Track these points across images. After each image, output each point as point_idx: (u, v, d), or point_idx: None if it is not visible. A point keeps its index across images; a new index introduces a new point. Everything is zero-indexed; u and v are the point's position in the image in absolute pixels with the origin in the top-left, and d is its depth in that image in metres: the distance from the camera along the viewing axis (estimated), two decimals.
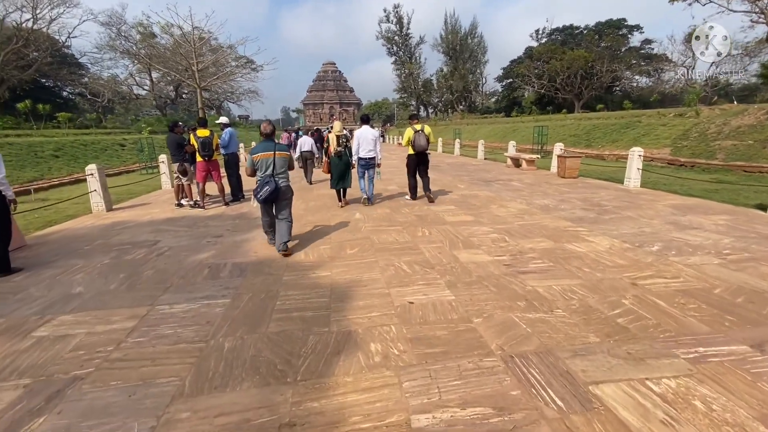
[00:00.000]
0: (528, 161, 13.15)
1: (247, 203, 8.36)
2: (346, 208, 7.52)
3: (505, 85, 60.94)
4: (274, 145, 4.67)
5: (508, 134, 24.84)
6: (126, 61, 40.86)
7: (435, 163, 16.43)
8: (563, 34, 57.81)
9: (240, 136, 38.90)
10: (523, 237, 5.27)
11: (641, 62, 52.58)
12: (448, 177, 11.80)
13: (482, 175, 11.97)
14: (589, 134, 17.82)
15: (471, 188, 9.55)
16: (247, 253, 4.93)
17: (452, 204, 7.66)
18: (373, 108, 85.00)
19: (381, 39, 60.70)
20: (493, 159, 17.30)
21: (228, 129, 8.40)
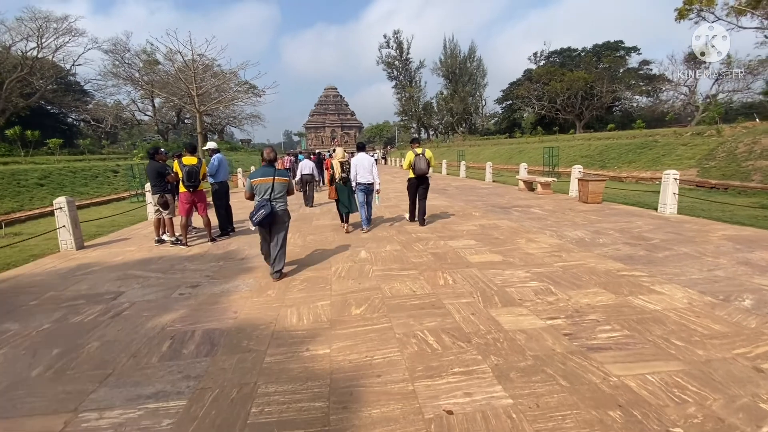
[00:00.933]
0: (543, 185, 12.16)
1: (237, 238, 7.33)
2: (349, 243, 6.47)
3: (505, 107, 60.90)
4: (274, 170, 4.68)
5: (514, 155, 24.02)
6: (129, 87, 40.73)
7: (442, 186, 15.51)
8: (561, 56, 58.09)
9: (240, 160, 38.37)
10: (572, 286, 4.18)
11: (640, 83, 52.55)
12: (459, 202, 10.78)
13: (496, 200, 10.95)
14: (602, 155, 16.90)
15: (488, 216, 8.50)
16: (225, 313, 3.84)
17: (471, 237, 6.59)
18: (375, 131, 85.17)
19: (381, 64, 61.08)
20: (503, 182, 16.34)
21: (217, 155, 7.45)
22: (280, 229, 4.78)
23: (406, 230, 7.37)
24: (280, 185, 4.68)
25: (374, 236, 6.97)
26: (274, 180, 4.63)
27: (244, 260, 5.78)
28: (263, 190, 4.62)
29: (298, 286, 4.53)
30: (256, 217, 4.52)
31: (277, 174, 4.69)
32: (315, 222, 8.72)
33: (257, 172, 4.75)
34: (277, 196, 4.67)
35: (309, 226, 8.20)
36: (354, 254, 5.82)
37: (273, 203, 4.61)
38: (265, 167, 4.74)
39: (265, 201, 4.57)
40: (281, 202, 4.73)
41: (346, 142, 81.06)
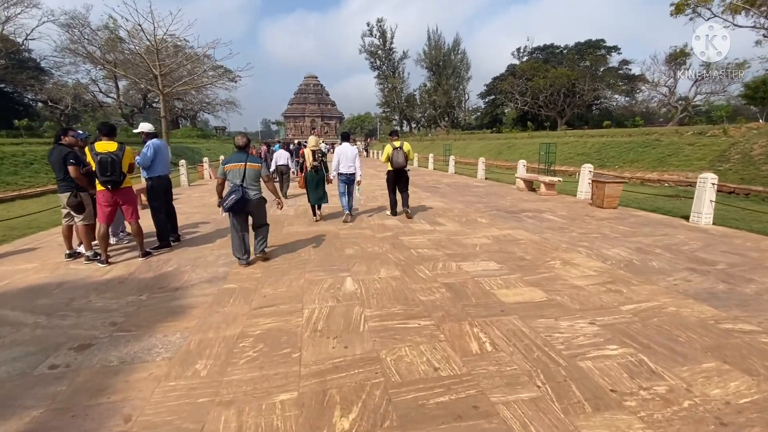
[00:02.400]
0: (548, 185, 10.78)
1: (180, 251, 5.52)
2: (331, 263, 4.80)
3: (488, 102, 59.95)
4: (246, 156, 4.65)
5: (503, 151, 22.77)
6: (88, 65, 37.11)
7: (432, 183, 13.97)
8: (545, 52, 57.44)
9: (212, 148, 35.62)
10: (674, 355, 2.67)
11: (619, 82, 52.57)
12: (457, 204, 9.23)
13: (498, 202, 9.48)
14: (600, 153, 15.76)
15: (498, 224, 6.99)
16: (108, 421, 2.13)
17: (490, 257, 5.04)
18: (356, 122, 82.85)
19: (364, 53, 58.89)
20: (496, 179, 14.95)
21: (152, 141, 5.54)
22: (258, 214, 4.77)
23: (402, 243, 5.76)
24: (252, 171, 4.62)
25: (363, 252, 5.34)
26: (246, 165, 4.57)
27: (179, 291, 4.03)
28: (235, 175, 4.56)
29: (248, 351, 2.83)
30: (226, 203, 4.42)
31: (249, 160, 4.62)
32: (287, 228, 6.98)
33: (230, 157, 4.69)
34: (250, 182, 4.60)
35: (279, 234, 6.46)
36: (337, 283, 4.16)
37: (245, 189, 4.54)
38: (237, 153, 4.68)
39: (237, 186, 4.48)
40: (254, 189, 4.66)
41: (326, 132, 78.54)
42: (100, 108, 42.23)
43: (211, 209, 8.92)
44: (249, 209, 4.63)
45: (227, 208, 4.45)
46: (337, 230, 6.64)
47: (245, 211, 4.64)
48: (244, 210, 4.60)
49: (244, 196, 4.47)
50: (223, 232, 6.63)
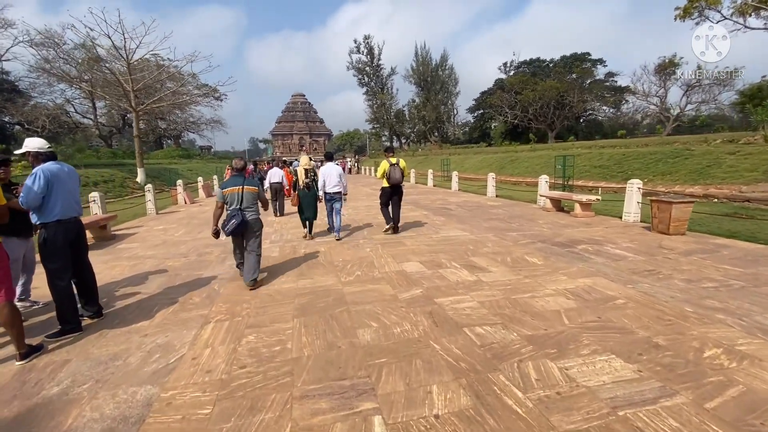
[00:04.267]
0: (584, 205, 8.91)
1: (93, 340, 3.36)
2: (342, 387, 2.73)
3: (477, 116, 59.07)
4: (243, 179, 4.61)
5: (506, 165, 21.06)
6: (63, 85, 34.74)
7: (440, 203, 11.97)
8: (531, 66, 57.08)
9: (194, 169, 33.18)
10: None
11: (605, 93, 52.25)
12: (485, 232, 7.25)
13: (534, 229, 7.54)
14: (621, 165, 14.07)
15: (560, 266, 4.99)
16: None
17: (601, 344, 2.99)
18: (345, 138, 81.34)
19: (352, 69, 57.60)
20: (508, 197, 13.09)
21: (43, 167, 3.38)
22: (253, 237, 4.63)
23: (443, 312, 3.69)
24: (249, 194, 4.58)
25: (386, 335, 3.25)
26: (243, 189, 4.53)
27: None
28: (233, 200, 4.50)
29: None
30: (228, 227, 4.37)
31: (246, 183, 4.58)
32: (267, 285, 4.88)
33: (227, 181, 4.67)
34: (248, 205, 4.56)
35: (256, 293, 4.37)
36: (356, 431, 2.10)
37: (244, 212, 4.48)
38: (234, 177, 4.68)
39: (236, 210, 4.45)
40: (252, 211, 4.61)
41: (315, 150, 76.83)
42: (77, 129, 39.67)
43: (172, 249, 6.78)
44: (246, 231, 4.57)
45: (229, 233, 4.43)
46: (341, 286, 4.57)
47: (242, 234, 4.59)
48: (242, 233, 4.57)
49: (244, 219, 4.45)
50: (178, 291, 4.51)
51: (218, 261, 5.87)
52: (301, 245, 6.80)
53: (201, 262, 5.88)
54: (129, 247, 7.16)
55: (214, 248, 6.76)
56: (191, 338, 3.32)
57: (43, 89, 38.32)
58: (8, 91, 39.13)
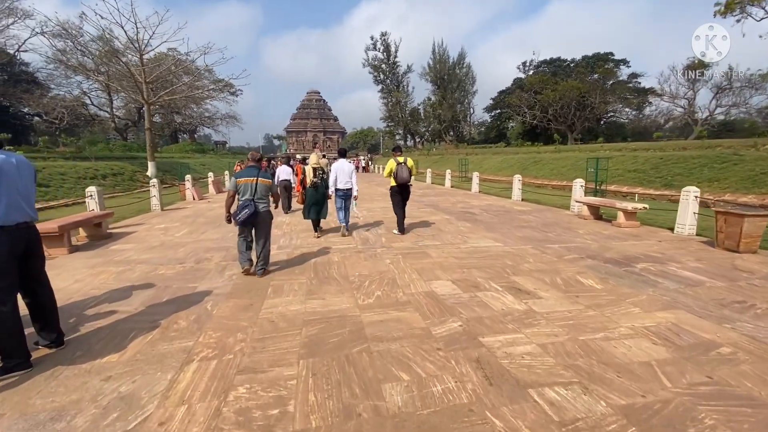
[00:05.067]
0: (628, 213, 7.90)
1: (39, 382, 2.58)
2: None
3: (494, 116, 57.64)
4: (257, 171, 4.65)
5: (529, 166, 19.94)
6: (80, 77, 34.72)
7: (461, 206, 11.02)
8: (552, 66, 55.37)
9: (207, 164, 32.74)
10: None
11: (627, 95, 50.28)
12: (519, 243, 6.31)
13: (575, 240, 6.57)
14: (659, 170, 12.90)
15: (623, 291, 4.04)
16: None
17: (714, 412, 2.07)
18: (358, 136, 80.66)
19: (368, 66, 56.80)
20: (536, 201, 12.08)
21: None
22: (263, 228, 4.72)
23: (494, 362, 2.82)
24: (263, 186, 4.63)
25: (423, 402, 2.39)
26: (258, 180, 4.58)
27: None
28: (247, 190, 4.55)
29: None
30: (240, 216, 4.43)
31: (260, 175, 4.63)
32: (269, 307, 4.06)
33: (242, 172, 4.71)
34: (260, 196, 4.61)
35: (255, 317, 3.56)
36: None
37: (256, 203, 4.54)
38: (249, 168, 4.71)
39: (249, 201, 4.50)
40: (264, 203, 4.66)
41: (329, 147, 76.25)
42: (93, 121, 39.77)
43: (168, 253, 6.04)
44: (257, 222, 4.63)
45: (241, 222, 4.48)
46: (358, 311, 3.72)
47: (252, 224, 4.62)
48: (252, 223, 4.60)
49: (257, 210, 4.51)
50: (163, 310, 3.72)
51: (217, 270, 5.08)
52: (312, 253, 5.98)
53: (198, 271, 5.10)
54: (122, 248, 6.44)
55: (215, 253, 5.99)
56: (165, 386, 2.51)
57: (61, 81, 38.53)
58: (26, 82, 39.43)
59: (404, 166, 6.88)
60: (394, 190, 7.13)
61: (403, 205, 7.23)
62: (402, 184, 6.98)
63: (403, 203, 7.21)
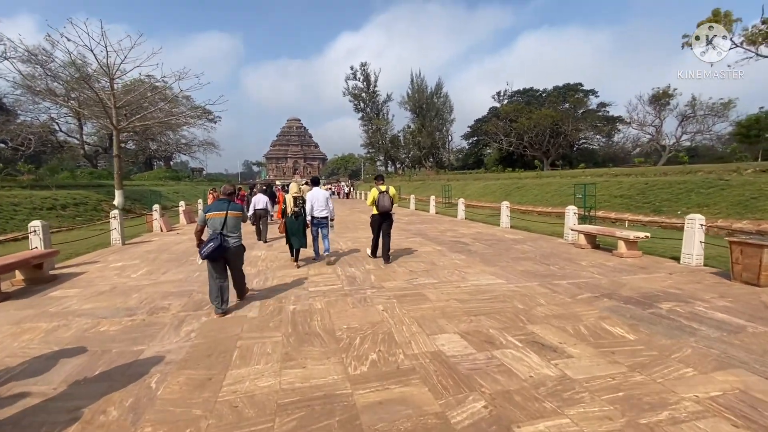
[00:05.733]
0: (629, 243, 7.44)
1: None
2: None
3: (472, 143, 58.73)
4: (227, 204, 4.54)
5: (512, 192, 19.74)
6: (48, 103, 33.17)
7: (452, 235, 10.18)
8: (525, 95, 57.36)
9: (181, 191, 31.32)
10: None
11: (597, 123, 52.33)
12: (520, 277, 5.64)
13: (581, 275, 5.98)
14: (645, 195, 12.76)
15: (659, 341, 3.37)
16: None
17: None
18: (340, 162, 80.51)
19: (348, 95, 57.34)
20: (525, 228, 11.61)
21: None
22: (235, 264, 4.62)
23: None
24: (233, 219, 4.51)
25: None
26: (227, 214, 4.45)
27: None
28: (215, 224, 4.41)
29: None
30: (204, 251, 4.27)
31: (230, 208, 4.51)
32: (233, 381, 3.19)
33: (212, 205, 4.61)
34: (231, 230, 4.47)
35: (213, 397, 2.69)
36: None
37: (225, 237, 4.40)
38: (219, 201, 4.59)
39: (216, 234, 4.33)
40: (234, 237, 4.52)
41: (309, 173, 75.61)
42: (62, 148, 37.89)
43: (118, 301, 5.06)
44: (227, 256, 4.45)
45: (204, 256, 4.29)
46: (349, 386, 2.90)
47: (224, 258, 4.43)
48: (222, 257, 4.40)
49: (222, 244, 4.32)
50: (91, 390, 2.77)
51: (173, 325, 4.15)
52: (290, 298, 5.12)
53: (149, 326, 4.16)
54: (64, 295, 5.40)
55: (174, 299, 5.05)
56: None
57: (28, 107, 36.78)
58: None
59: (386, 195, 6.94)
60: (375, 218, 7.15)
61: (387, 232, 7.18)
62: (384, 213, 7.01)
63: (387, 231, 7.17)
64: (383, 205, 6.92)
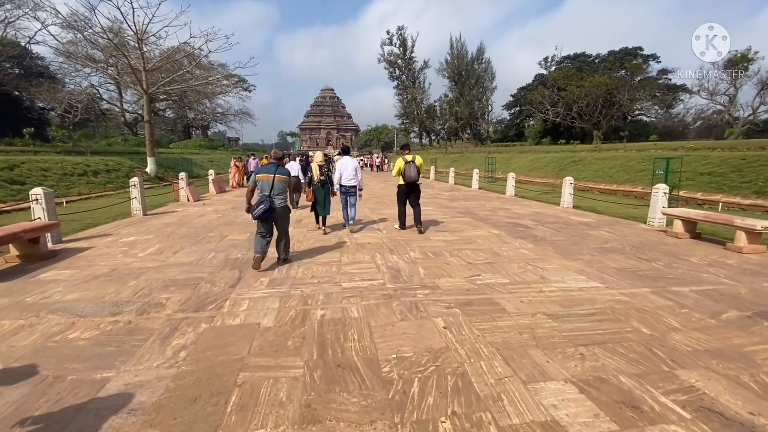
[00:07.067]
0: (753, 234, 5.65)
1: None
2: None
3: (514, 114, 54.85)
4: (276, 168, 4.70)
5: (567, 167, 17.57)
6: (87, 70, 33.41)
7: (507, 216, 8.29)
8: (576, 61, 52.34)
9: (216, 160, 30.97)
10: None
11: (656, 92, 46.92)
12: (620, 279, 4.14)
13: (705, 278, 4.38)
14: (743, 173, 10.47)
15: None
16: None
17: None
18: (372, 134, 78.52)
19: (383, 62, 54.62)
20: (590, 208, 9.81)
21: None
22: (281, 223, 4.79)
23: None
24: (280, 183, 4.65)
25: None
26: (275, 177, 4.60)
27: None
28: (264, 187, 4.59)
29: None
30: (256, 212, 4.49)
31: (278, 172, 4.66)
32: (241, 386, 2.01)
33: (261, 168, 4.78)
34: (277, 192, 4.63)
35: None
36: None
37: (272, 199, 4.57)
38: (269, 164, 4.79)
39: (265, 197, 4.53)
40: (281, 199, 4.69)
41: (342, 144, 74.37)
42: (103, 116, 38.61)
43: (109, 291, 4.08)
44: (274, 216, 4.65)
45: (256, 217, 4.52)
46: None
47: (271, 218, 4.64)
48: (270, 217, 4.61)
49: (271, 206, 4.51)
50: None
51: (161, 335, 3.07)
52: (317, 300, 3.94)
53: (131, 334, 3.10)
54: (54, 279, 4.50)
55: (175, 292, 4.00)
56: None
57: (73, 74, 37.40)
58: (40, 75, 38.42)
59: (413, 165, 6.75)
60: (402, 189, 7.03)
61: (416, 203, 7.07)
62: (410, 183, 6.85)
63: (415, 202, 7.04)
64: (410, 176, 6.75)
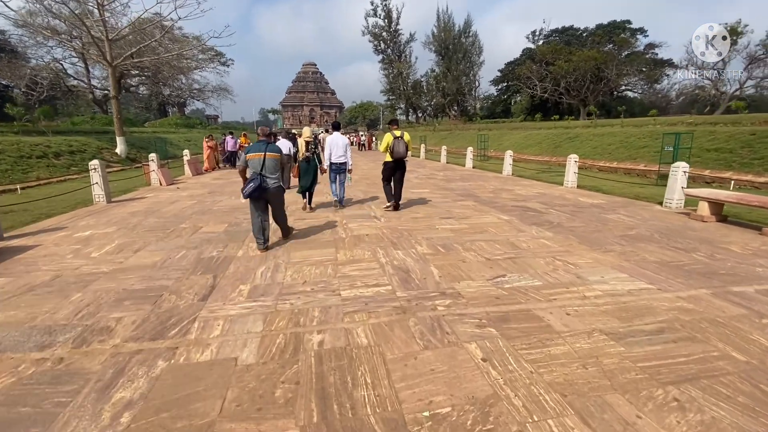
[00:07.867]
0: None
1: None
2: None
3: (501, 89, 53.71)
4: (266, 146, 4.52)
5: (562, 144, 16.89)
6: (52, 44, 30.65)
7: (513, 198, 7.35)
8: (564, 35, 51.11)
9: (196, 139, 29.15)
10: None
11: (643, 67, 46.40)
12: (671, 277, 3.48)
13: (757, 272, 3.78)
14: (754, 149, 9.94)
15: None
16: None
17: None
18: (357, 110, 76.25)
19: (368, 35, 52.19)
20: (596, 188, 9.18)
21: None
22: (276, 205, 4.69)
23: None
24: (271, 161, 4.49)
25: None
26: (265, 155, 4.45)
27: None
28: (255, 165, 4.44)
29: None
30: (245, 190, 4.35)
31: (268, 149, 4.50)
32: None
33: (252, 147, 4.63)
34: (269, 171, 4.47)
35: None
36: None
37: (264, 178, 4.42)
38: (258, 143, 4.61)
39: (256, 175, 4.39)
40: (273, 178, 4.52)
41: (326, 122, 72.19)
42: (70, 93, 35.89)
43: (45, 307, 3.19)
44: (267, 197, 4.51)
45: (246, 195, 4.34)
46: None
47: (264, 199, 4.50)
48: (262, 197, 4.47)
49: (262, 185, 4.37)
50: None
51: (101, 382, 2.22)
52: (312, 319, 3.14)
53: (57, 382, 2.24)
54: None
55: (130, 308, 3.12)
56: None
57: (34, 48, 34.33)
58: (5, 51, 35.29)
59: (401, 141, 6.51)
60: (389, 165, 6.76)
61: (400, 180, 6.92)
62: (398, 159, 6.62)
63: (399, 178, 6.90)
64: (398, 152, 6.48)
